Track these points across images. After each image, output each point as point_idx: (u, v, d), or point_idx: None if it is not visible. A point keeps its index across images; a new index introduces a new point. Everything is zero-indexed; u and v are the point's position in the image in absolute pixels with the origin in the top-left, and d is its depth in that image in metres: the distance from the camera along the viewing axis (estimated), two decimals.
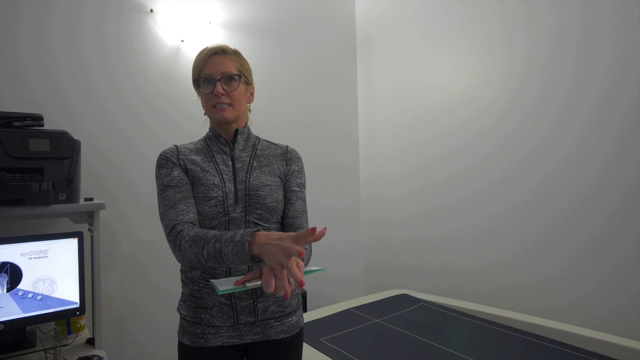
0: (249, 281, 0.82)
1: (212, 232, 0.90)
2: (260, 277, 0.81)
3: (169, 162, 1.04)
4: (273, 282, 0.77)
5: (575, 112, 1.79)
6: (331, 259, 2.73)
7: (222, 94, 1.03)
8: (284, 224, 1.09)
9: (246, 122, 1.15)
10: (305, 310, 2.41)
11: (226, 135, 1.10)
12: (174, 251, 0.95)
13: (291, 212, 1.09)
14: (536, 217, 1.93)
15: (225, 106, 1.04)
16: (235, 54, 1.09)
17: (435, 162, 2.41)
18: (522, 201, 1.99)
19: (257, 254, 0.81)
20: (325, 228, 0.77)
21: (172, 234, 0.94)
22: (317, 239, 0.76)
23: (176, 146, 1.08)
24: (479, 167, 2.17)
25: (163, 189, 1.01)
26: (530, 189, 1.95)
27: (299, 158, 1.16)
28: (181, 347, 1.04)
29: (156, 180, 1.04)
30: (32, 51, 1.78)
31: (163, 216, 0.98)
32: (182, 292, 1.08)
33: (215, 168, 1.05)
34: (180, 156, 1.05)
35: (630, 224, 1.63)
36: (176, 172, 1.02)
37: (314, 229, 0.75)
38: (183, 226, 0.94)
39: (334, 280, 2.74)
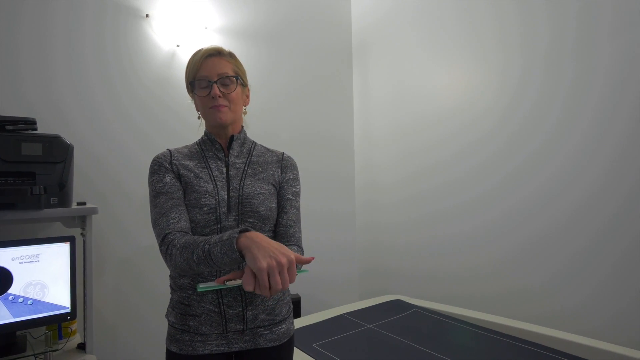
0: (229, 279, 0.82)
1: (202, 237, 0.90)
2: (241, 277, 0.81)
3: (162, 167, 1.03)
4: (253, 280, 0.77)
5: (573, 118, 1.77)
6: (326, 263, 2.73)
7: (219, 96, 1.02)
8: (277, 233, 1.08)
9: (242, 127, 1.14)
10: (298, 315, 2.41)
11: (221, 140, 1.09)
12: (165, 261, 0.95)
13: (284, 221, 1.08)
14: (531, 223, 1.93)
15: (223, 108, 1.03)
16: (231, 55, 1.08)
17: (430, 169, 2.42)
18: (516, 208, 1.99)
19: (245, 247, 0.80)
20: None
21: (164, 243, 0.94)
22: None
23: (169, 150, 1.07)
24: (474, 174, 2.18)
25: (155, 195, 1.01)
26: (525, 195, 1.96)
27: (294, 166, 1.16)
28: (169, 354, 1.03)
29: (149, 186, 1.04)
30: (27, 55, 1.78)
31: (155, 224, 0.98)
32: (171, 299, 1.08)
33: (209, 174, 1.04)
34: (174, 161, 1.04)
35: (624, 233, 1.62)
36: (168, 179, 1.01)
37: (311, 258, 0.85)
38: (174, 235, 0.94)
39: (328, 285, 2.74)
